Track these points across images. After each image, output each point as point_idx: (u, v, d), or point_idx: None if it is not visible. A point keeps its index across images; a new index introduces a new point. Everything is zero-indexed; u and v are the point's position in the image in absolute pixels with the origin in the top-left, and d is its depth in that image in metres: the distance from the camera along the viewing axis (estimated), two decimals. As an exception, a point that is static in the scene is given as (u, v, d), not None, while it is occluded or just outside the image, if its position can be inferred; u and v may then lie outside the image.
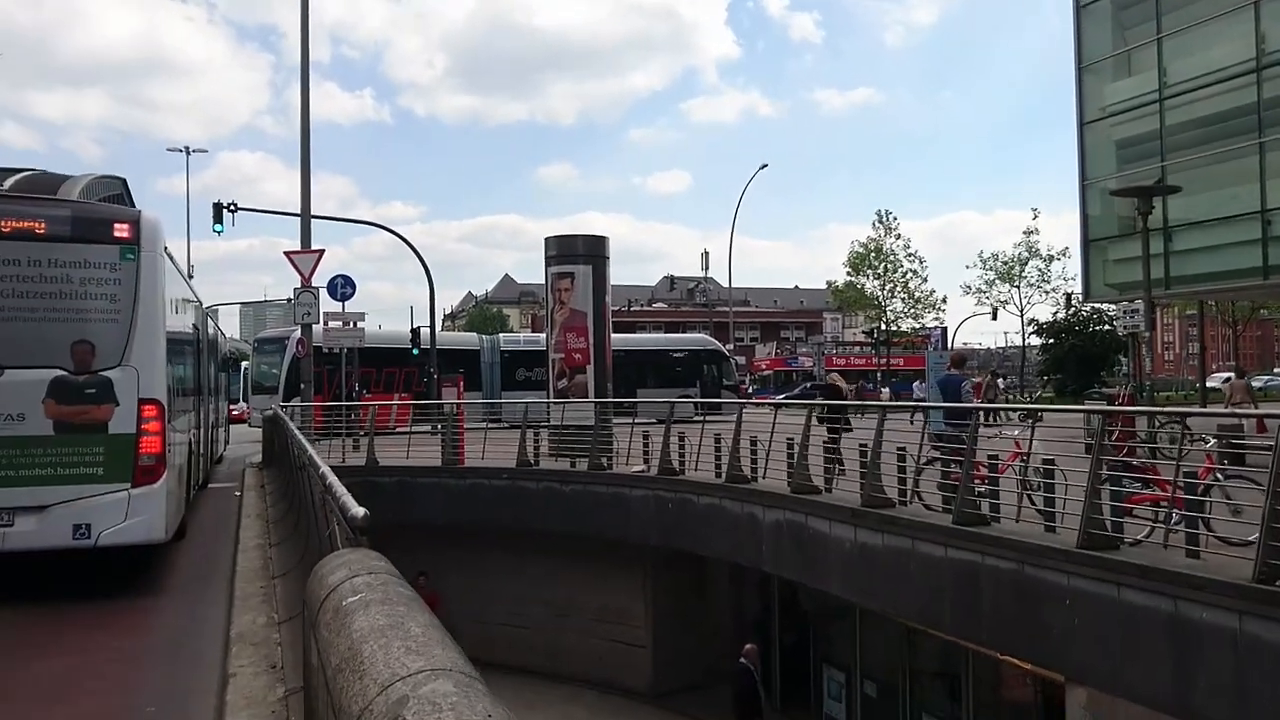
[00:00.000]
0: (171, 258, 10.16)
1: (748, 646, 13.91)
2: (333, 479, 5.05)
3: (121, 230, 8.60)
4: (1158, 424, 13.61)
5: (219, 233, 26.29)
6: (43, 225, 8.43)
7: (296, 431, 10.49)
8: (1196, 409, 22.89)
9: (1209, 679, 6.66)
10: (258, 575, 8.64)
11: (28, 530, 8.05)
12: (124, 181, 12.02)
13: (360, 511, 3.97)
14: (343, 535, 4.37)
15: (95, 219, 8.71)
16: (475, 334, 40.05)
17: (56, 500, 8.12)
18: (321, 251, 20.03)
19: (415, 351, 29.04)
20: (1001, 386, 39.44)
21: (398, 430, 21.49)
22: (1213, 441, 9.20)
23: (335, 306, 22.35)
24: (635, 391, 29.69)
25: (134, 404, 8.39)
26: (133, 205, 11.61)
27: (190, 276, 46.54)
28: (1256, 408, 18.51)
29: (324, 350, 23.52)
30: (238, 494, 14.86)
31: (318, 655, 2.82)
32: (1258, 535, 6.56)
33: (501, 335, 39.31)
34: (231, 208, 26.09)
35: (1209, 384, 38.66)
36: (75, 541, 8.15)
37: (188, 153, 48.04)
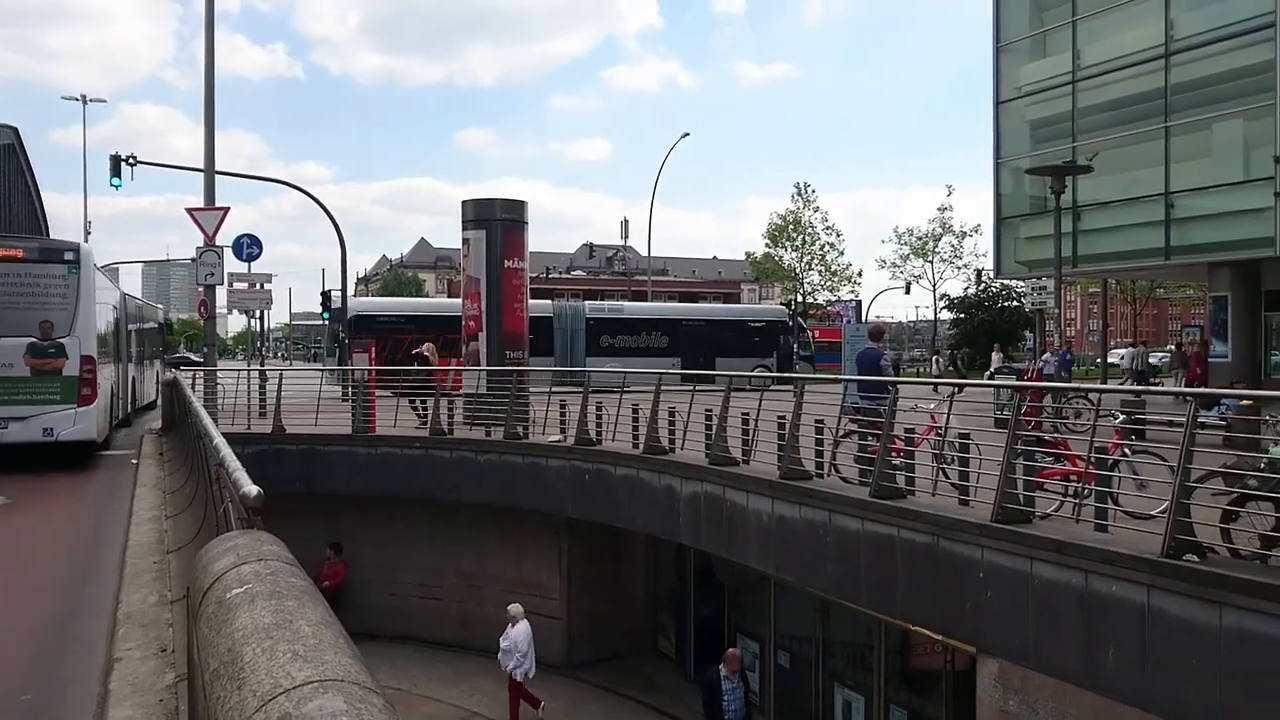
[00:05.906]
0: (99, 269, 15.54)
1: (729, 651, 12.90)
2: (226, 452, 4.70)
3: (69, 255, 13.91)
4: (1064, 399, 13.99)
5: (117, 187, 25.08)
6: (21, 253, 13.84)
7: (194, 399, 9.99)
8: (1109, 385, 23.57)
9: (1117, 651, 6.75)
10: (151, 550, 8.19)
11: (16, 431, 13.25)
12: (16, 131, 12.63)
13: (254, 490, 3.65)
14: (236, 514, 4.05)
15: (53, 249, 14.20)
16: (549, 300, 36.73)
17: (33, 414, 13.31)
18: (226, 209, 19.11)
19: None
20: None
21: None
22: (1121, 418, 9.36)
23: (241, 267, 21.53)
24: (713, 361, 30.64)
25: (78, 358, 13.58)
26: (24, 153, 15.64)
27: (87, 234, 45.53)
28: None
29: (379, 317, 24.08)
30: (134, 461, 14.19)
31: (198, 653, 2.54)
32: (1167, 510, 6.65)
33: (587, 303, 37.14)
34: (130, 160, 24.79)
35: (1110, 360, 40.04)
36: (44, 438, 13.34)
37: (84, 102, 45.51)
